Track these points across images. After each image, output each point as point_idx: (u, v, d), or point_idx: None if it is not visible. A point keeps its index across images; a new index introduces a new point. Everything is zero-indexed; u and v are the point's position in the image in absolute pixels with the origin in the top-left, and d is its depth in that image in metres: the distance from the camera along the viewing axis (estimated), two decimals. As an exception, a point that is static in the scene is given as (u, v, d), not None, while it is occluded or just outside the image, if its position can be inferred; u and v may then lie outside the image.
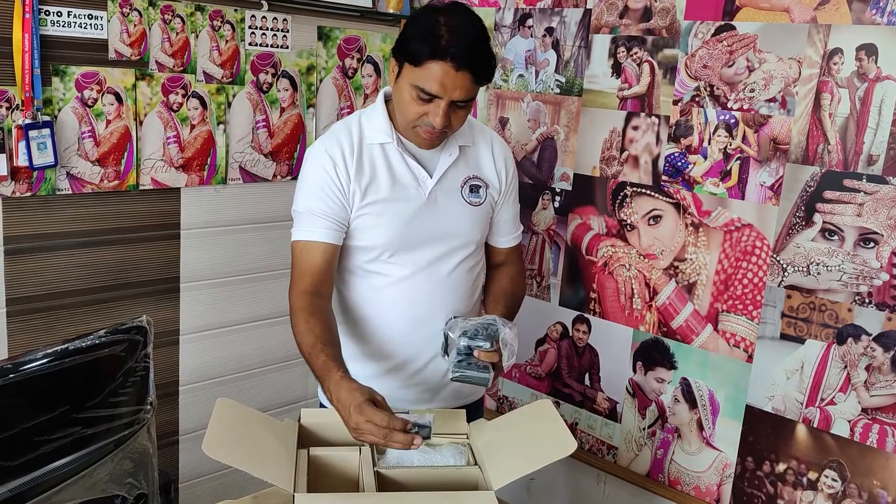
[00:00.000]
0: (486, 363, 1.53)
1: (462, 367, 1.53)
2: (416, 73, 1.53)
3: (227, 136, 2.30)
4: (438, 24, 1.52)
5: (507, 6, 2.42)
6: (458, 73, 1.51)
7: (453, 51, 1.49)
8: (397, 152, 1.67)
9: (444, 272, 1.72)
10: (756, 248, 1.96)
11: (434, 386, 1.77)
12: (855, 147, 1.79)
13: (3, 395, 0.96)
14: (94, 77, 2.00)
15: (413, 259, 1.69)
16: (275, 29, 2.35)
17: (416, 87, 1.54)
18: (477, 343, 1.53)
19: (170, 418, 2.34)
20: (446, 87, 1.52)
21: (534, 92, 2.38)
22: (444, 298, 1.72)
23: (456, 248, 1.72)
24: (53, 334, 2.04)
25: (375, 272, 1.70)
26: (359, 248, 1.69)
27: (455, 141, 1.71)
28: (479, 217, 1.75)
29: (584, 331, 2.34)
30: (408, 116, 1.59)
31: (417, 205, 1.67)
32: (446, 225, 1.70)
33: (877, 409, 1.80)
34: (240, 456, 1.30)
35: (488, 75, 1.57)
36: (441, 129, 1.57)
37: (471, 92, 1.56)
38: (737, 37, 1.94)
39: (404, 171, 1.67)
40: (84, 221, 2.06)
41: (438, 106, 1.54)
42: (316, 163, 1.66)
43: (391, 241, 1.67)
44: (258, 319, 2.51)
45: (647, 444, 2.22)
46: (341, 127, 1.70)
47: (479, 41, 1.55)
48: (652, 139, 2.13)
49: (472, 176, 1.75)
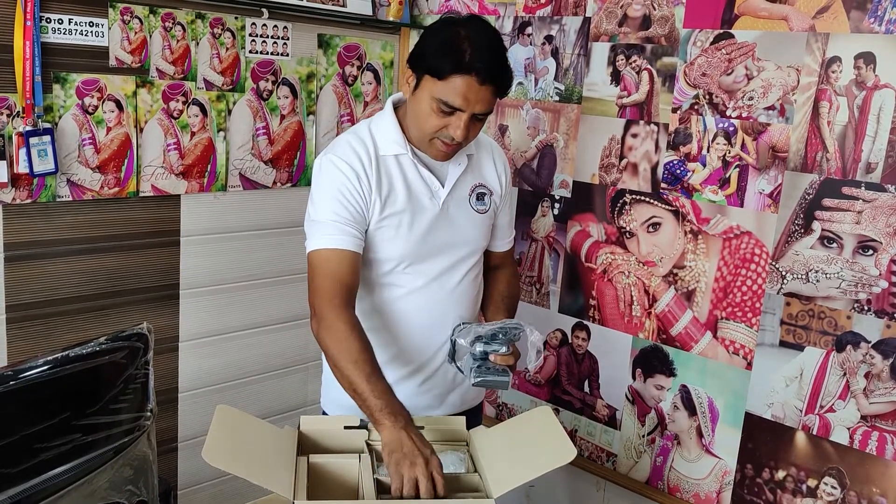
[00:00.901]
0: (503, 367, 1.57)
1: (482, 373, 1.57)
2: (439, 87, 1.53)
3: (227, 144, 2.30)
4: (460, 37, 1.53)
5: (506, 14, 2.43)
6: (482, 87, 1.52)
7: (478, 65, 1.50)
8: (411, 163, 1.67)
9: (455, 281, 1.73)
10: (755, 256, 1.96)
11: (442, 392, 1.78)
12: (853, 155, 1.79)
13: (4, 401, 0.96)
14: (95, 84, 2.01)
15: (426, 269, 1.69)
16: (275, 36, 2.36)
17: (439, 100, 1.54)
18: (493, 347, 1.57)
19: (169, 425, 2.34)
20: (469, 101, 1.53)
21: (533, 99, 2.39)
22: (453, 307, 1.73)
23: (465, 257, 1.74)
24: (53, 341, 2.03)
25: (389, 283, 1.70)
26: (375, 261, 1.68)
27: (463, 150, 1.71)
28: (485, 224, 1.77)
29: (583, 338, 2.34)
30: (426, 129, 1.59)
31: (432, 216, 1.68)
32: (458, 234, 1.71)
33: (876, 416, 1.80)
34: (240, 463, 1.30)
35: (508, 87, 1.59)
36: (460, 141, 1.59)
37: (491, 104, 1.57)
38: (735, 45, 1.95)
39: (419, 183, 1.67)
40: (84, 228, 2.07)
41: (460, 119, 1.55)
42: (336, 171, 1.61)
43: (407, 253, 1.67)
44: (258, 326, 2.51)
45: (647, 452, 2.22)
46: (352, 138, 1.67)
47: (500, 55, 1.56)
48: (651, 147, 2.13)
49: (478, 184, 1.76)
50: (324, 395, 1.85)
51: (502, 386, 1.59)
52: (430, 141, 1.61)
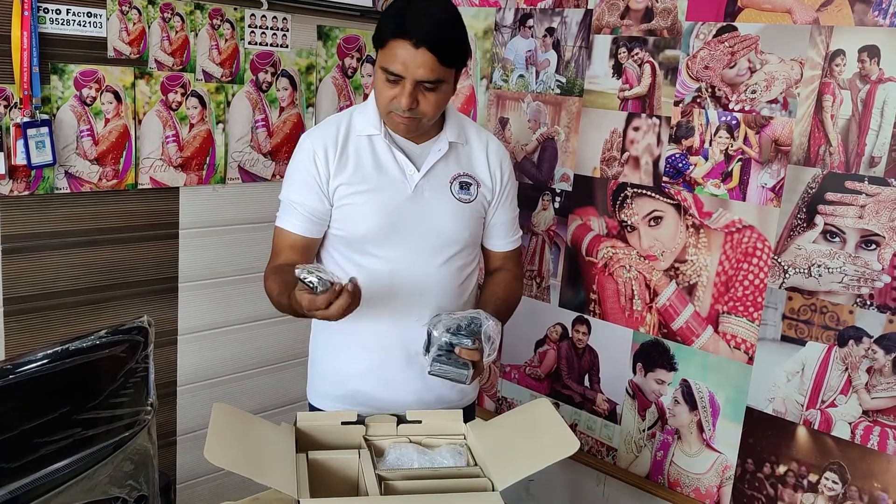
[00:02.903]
0: (465, 360, 1.52)
1: (441, 362, 1.51)
2: (382, 55, 1.57)
3: (226, 136, 2.29)
4: (404, 5, 1.55)
5: (507, 6, 2.41)
6: (418, 51, 1.52)
7: (413, 29, 1.51)
8: (385, 144, 1.67)
9: (430, 268, 1.70)
10: (757, 250, 1.96)
11: (413, 390, 1.74)
12: (857, 149, 1.78)
13: (3, 396, 0.95)
14: (93, 75, 1.99)
15: (397, 253, 1.68)
16: (274, 28, 2.34)
17: (383, 68, 1.57)
18: (458, 339, 1.51)
19: (167, 419, 2.33)
20: (407, 66, 1.53)
21: (534, 92, 2.38)
22: (427, 295, 1.70)
23: (442, 245, 1.71)
24: (51, 334, 2.03)
25: (359, 265, 1.69)
26: (342, 238, 1.70)
27: (445, 136, 1.70)
28: (468, 215, 1.73)
29: (583, 332, 2.33)
30: (380, 102, 1.62)
31: (402, 197, 1.67)
32: (432, 219, 1.69)
33: (878, 411, 1.80)
34: (242, 462, 1.29)
35: (455, 56, 1.57)
36: (408, 110, 1.57)
37: (435, 72, 1.55)
38: (738, 38, 1.94)
39: (391, 163, 1.68)
40: (82, 220, 2.05)
41: (404, 87, 1.55)
42: (299, 155, 1.70)
43: (373, 229, 1.66)
44: (257, 320, 2.50)
45: (647, 446, 2.22)
46: (331, 120, 1.73)
47: (441, 20, 1.55)
48: (653, 140, 2.12)
49: (463, 173, 1.73)
50: (310, 388, 1.86)
51: (460, 379, 1.52)
52: (388, 115, 1.62)
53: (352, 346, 1.74)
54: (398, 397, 1.72)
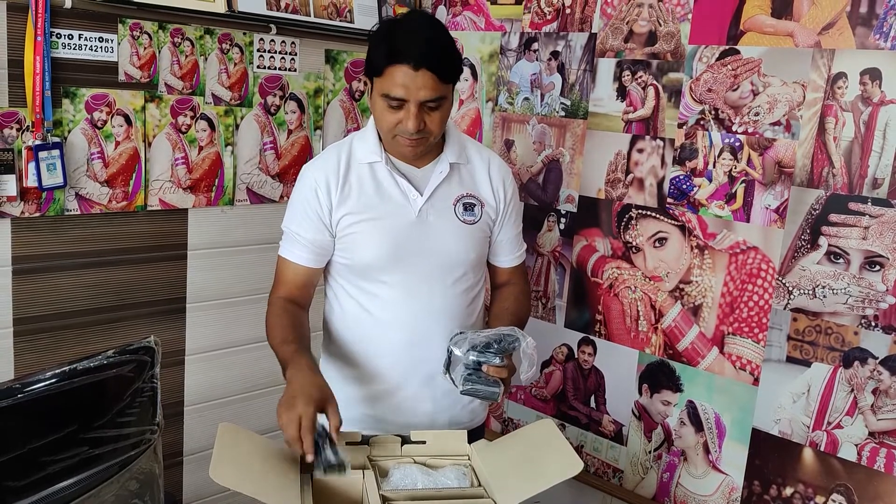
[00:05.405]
0: (495, 378, 1.52)
1: (472, 381, 1.51)
2: (381, 83, 1.57)
3: (234, 158, 2.32)
4: (392, 30, 1.57)
5: (512, 30, 2.44)
6: (419, 73, 1.52)
7: (410, 52, 1.52)
8: (386, 171, 1.68)
9: (437, 292, 1.70)
10: (761, 271, 1.96)
11: (426, 413, 1.74)
12: (860, 170, 1.79)
13: (11, 414, 0.96)
14: (104, 99, 2.02)
15: (403, 279, 1.68)
16: (283, 52, 2.38)
17: (384, 95, 1.57)
18: (486, 358, 1.51)
19: (174, 439, 2.34)
20: (410, 89, 1.54)
21: (539, 115, 2.40)
22: (436, 320, 1.70)
23: (448, 268, 1.70)
24: (60, 354, 2.04)
25: (366, 292, 1.70)
26: (348, 266, 1.70)
27: (446, 158, 1.70)
28: (473, 236, 1.73)
29: (589, 353, 2.33)
30: (385, 127, 1.62)
31: (406, 222, 1.67)
32: (437, 243, 1.69)
33: (884, 432, 1.79)
34: (248, 482, 1.30)
35: (452, 71, 1.59)
36: (416, 132, 1.58)
37: (437, 91, 1.56)
38: (741, 61, 1.96)
39: (393, 190, 1.68)
40: (92, 242, 2.07)
41: (409, 110, 1.56)
42: (301, 188, 1.70)
43: (379, 256, 1.66)
44: (264, 340, 2.48)
45: (653, 468, 2.21)
46: (332, 150, 1.73)
47: (432, 39, 1.57)
48: (657, 162, 2.14)
49: (466, 194, 1.73)
50: None
51: (492, 397, 1.52)
52: (394, 139, 1.63)
53: (362, 371, 1.74)
54: (408, 420, 1.72)
